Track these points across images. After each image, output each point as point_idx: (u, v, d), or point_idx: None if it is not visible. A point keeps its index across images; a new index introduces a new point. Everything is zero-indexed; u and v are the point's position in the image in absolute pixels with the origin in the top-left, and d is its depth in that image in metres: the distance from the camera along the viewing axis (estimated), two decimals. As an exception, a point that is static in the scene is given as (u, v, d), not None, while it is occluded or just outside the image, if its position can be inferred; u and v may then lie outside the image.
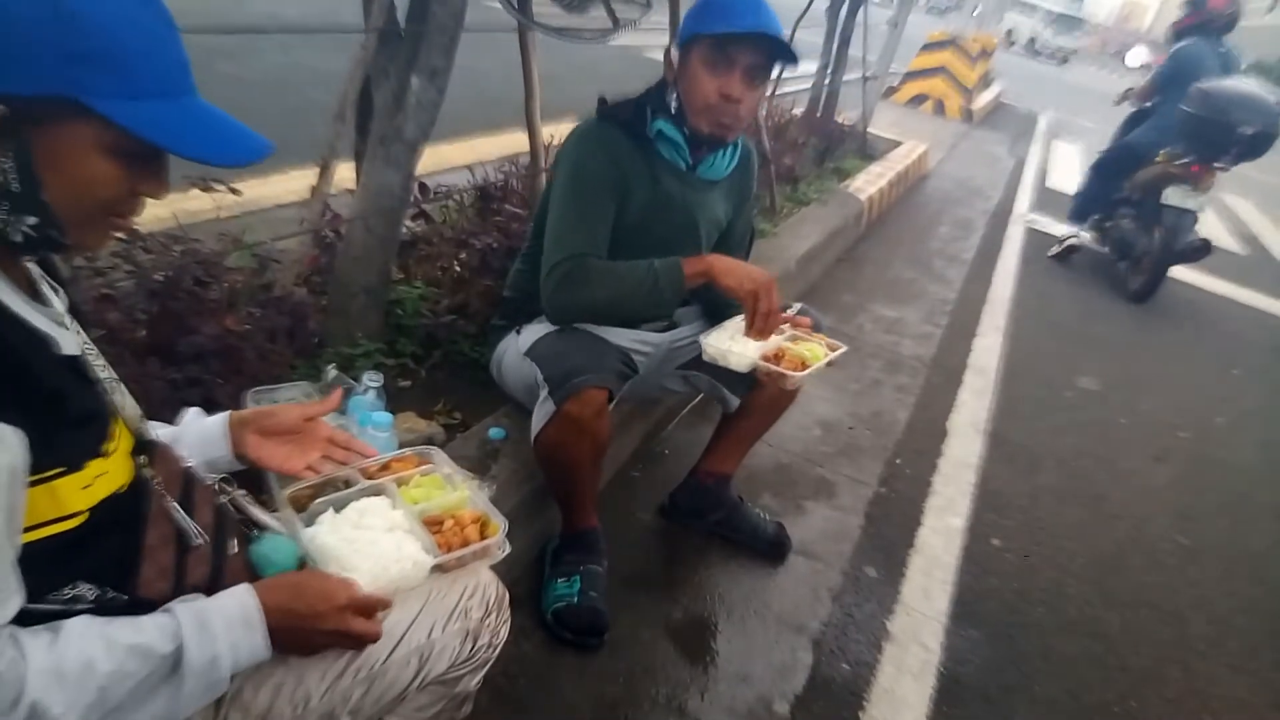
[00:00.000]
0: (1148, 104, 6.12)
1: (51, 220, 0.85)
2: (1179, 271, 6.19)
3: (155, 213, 2.18)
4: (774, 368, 1.99)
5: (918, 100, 12.02)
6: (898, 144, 7.76)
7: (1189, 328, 5.75)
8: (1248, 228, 9.62)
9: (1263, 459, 4.03)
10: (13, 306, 0.86)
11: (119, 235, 0.95)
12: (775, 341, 2.08)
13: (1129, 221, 5.90)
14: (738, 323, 2.08)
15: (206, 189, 2.08)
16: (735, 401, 2.36)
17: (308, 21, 2.82)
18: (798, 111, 6.54)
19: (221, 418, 1.24)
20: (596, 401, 1.86)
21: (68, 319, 0.96)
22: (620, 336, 2.09)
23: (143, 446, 1.03)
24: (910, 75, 12.16)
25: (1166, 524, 3.23)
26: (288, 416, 1.26)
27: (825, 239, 4.72)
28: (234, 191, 2.14)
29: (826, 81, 6.65)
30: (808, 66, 6.92)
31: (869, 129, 7.36)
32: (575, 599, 2.02)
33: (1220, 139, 5.22)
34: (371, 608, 1.06)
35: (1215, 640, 2.64)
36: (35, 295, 0.92)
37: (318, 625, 1.02)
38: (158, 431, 1.12)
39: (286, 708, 1.09)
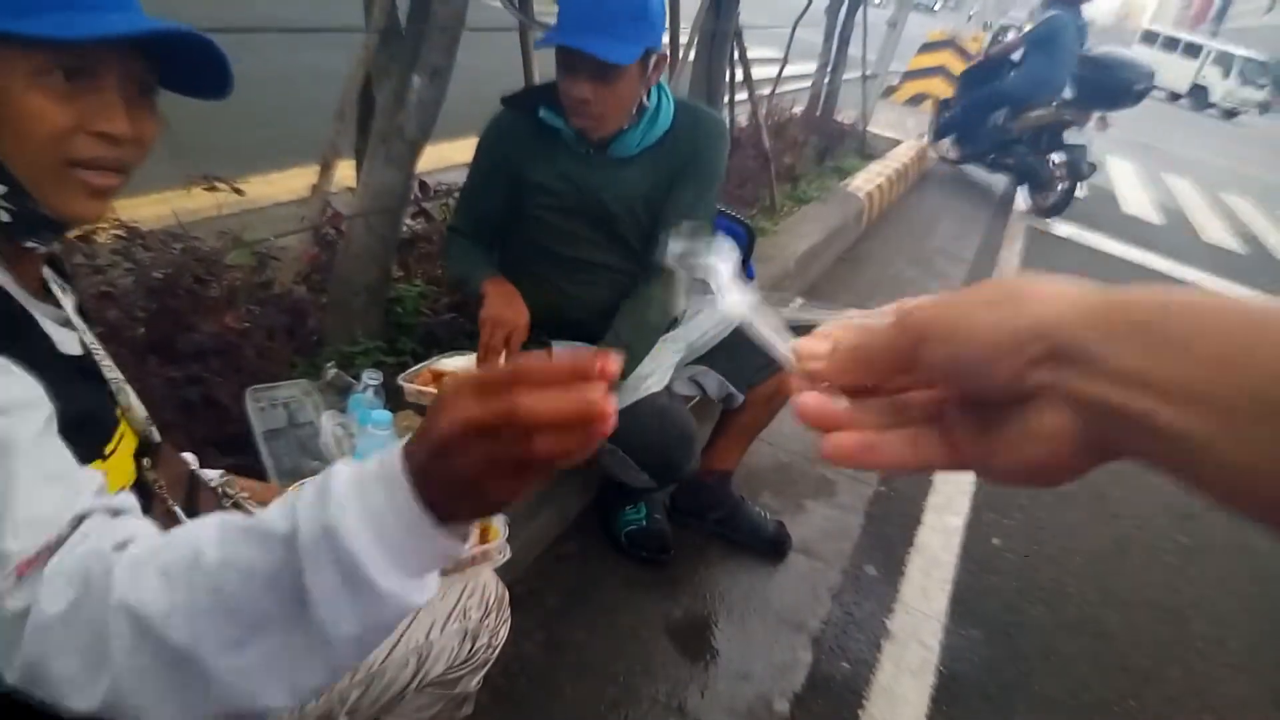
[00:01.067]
0: (1013, 57, 7.60)
1: (12, 182, 0.79)
2: (1180, 270, 6.16)
3: (155, 210, 2.18)
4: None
5: (917, 99, 12.02)
6: (898, 142, 7.75)
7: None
8: (1247, 227, 9.63)
9: (1262, 458, 4.03)
10: (18, 300, 0.83)
11: (101, 194, 0.84)
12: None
13: (1030, 156, 7.32)
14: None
15: (209, 187, 2.08)
16: (740, 398, 2.35)
17: (309, 21, 2.82)
18: (797, 110, 6.54)
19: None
20: None
21: (75, 318, 0.93)
22: (654, 367, 2.15)
23: (146, 449, 1.00)
24: (909, 75, 12.15)
25: (1166, 523, 3.23)
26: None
27: (825, 238, 4.72)
28: (237, 191, 2.14)
29: (826, 80, 6.65)
30: (807, 65, 6.93)
31: (869, 128, 7.35)
32: (644, 522, 2.33)
33: (1115, 93, 6.86)
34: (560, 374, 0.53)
35: (1215, 639, 2.64)
36: (44, 294, 0.90)
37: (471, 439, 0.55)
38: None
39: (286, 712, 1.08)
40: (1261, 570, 3.08)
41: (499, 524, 1.34)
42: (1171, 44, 28.65)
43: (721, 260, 0.55)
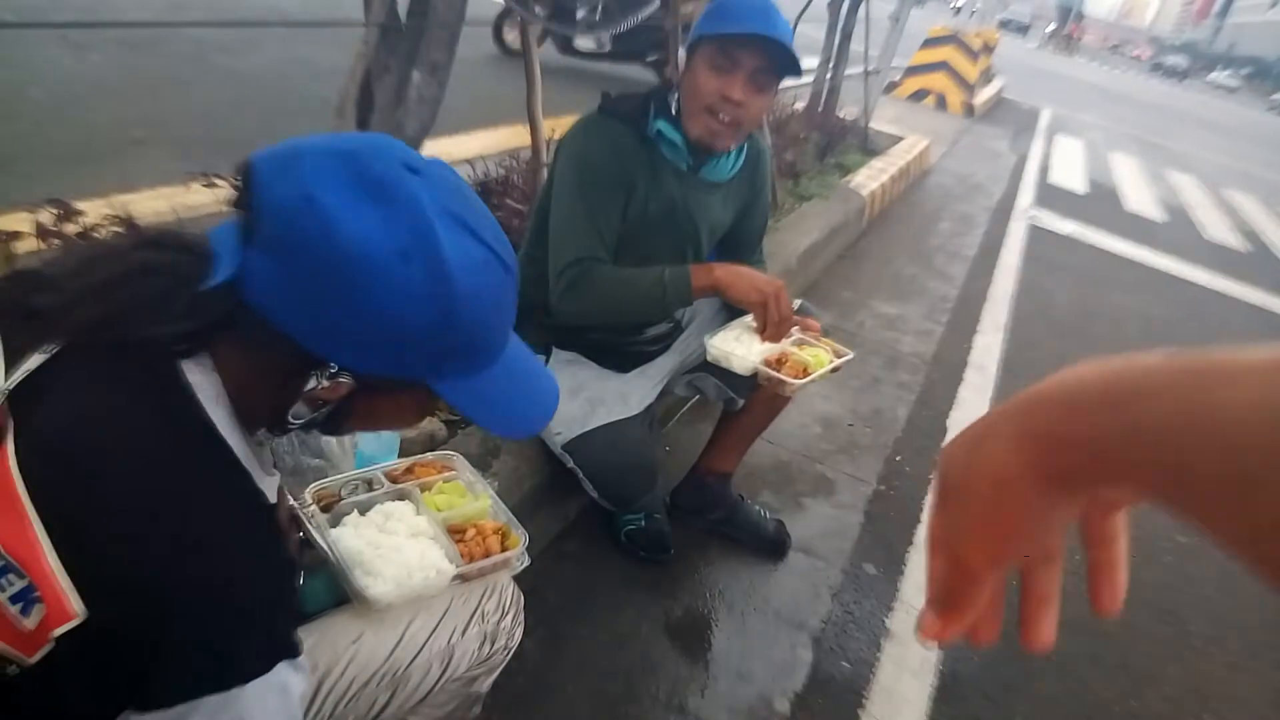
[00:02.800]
0: None
1: (337, 431, 0.94)
2: (1181, 268, 6.16)
3: (154, 206, 2.18)
4: (774, 374, 1.98)
5: (919, 95, 12.01)
6: (899, 139, 7.74)
7: (1190, 326, 5.74)
8: (1249, 225, 9.62)
9: (1263, 457, 4.02)
10: (261, 487, 0.84)
11: None
12: (781, 344, 2.06)
13: None
14: (744, 323, 2.07)
15: (208, 184, 2.07)
16: (741, 401, 2.35)
17: (308, 16, 2.81)
18: (799, 106, 6.53)
19: None
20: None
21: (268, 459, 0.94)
22: (642, 385, 2.14)
23: None
24: (912, 70, 12.15)
25: (1164, 522, 3.22)
26: None
27: (826, 235, 4.71)
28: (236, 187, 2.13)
29: (828, 76, 6.63)
30: (809, 62, 6.91)
31: (871, 124, 7.34)
32: (644, 522, 2.31)
33: None
34: None
35: (1215, 639, 2.64)
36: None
37: None
38: None
39: (312, 715, 1.10)
40: (1262, 570, 3.08)
41: (519, 533, 1.35)
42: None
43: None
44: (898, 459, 3.19)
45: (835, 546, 2.60)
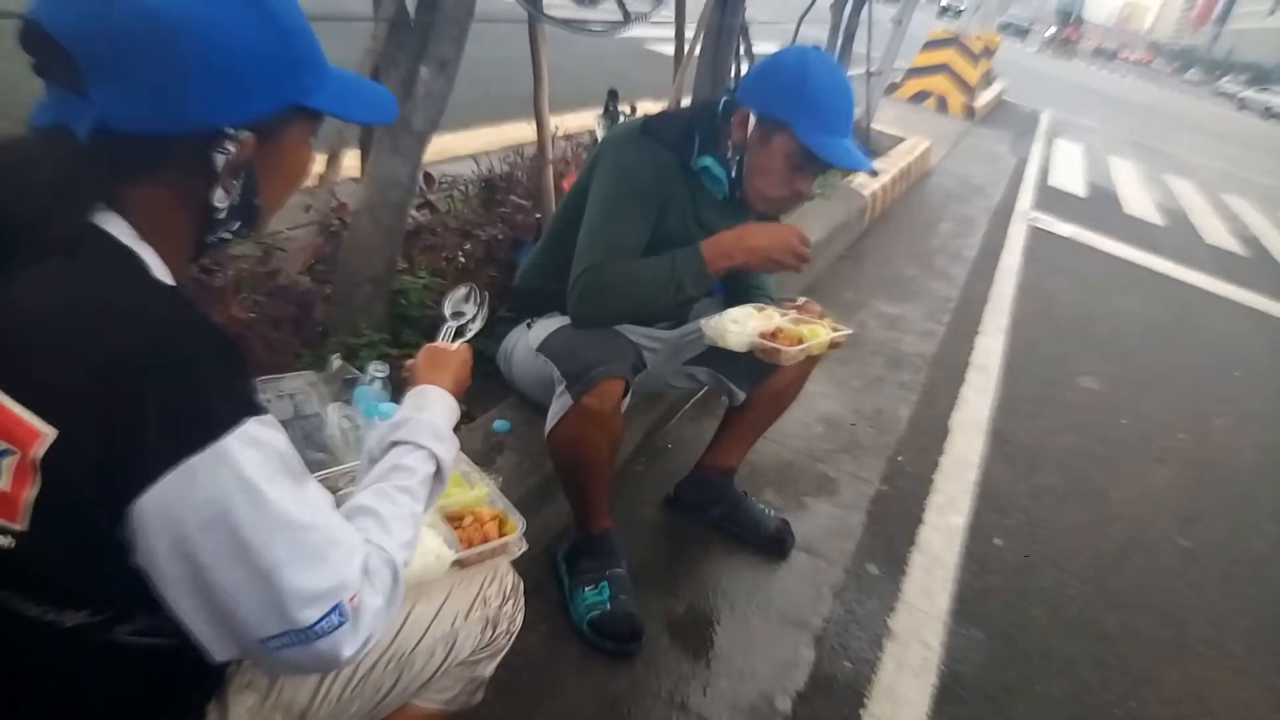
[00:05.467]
0: None
1: (256, 220, 0.97)
2: (1181, 272, 6.17)
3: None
4: (769, 344, 1.99)
5: (920, 97, 12.02)
6: (901, 140, 7.74)
7: (1190, 329, 5.75)
8: (1248, 229, 9.64)
9: (1263, 461, 4.03)
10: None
11: None
12: (775, 320, 2.07)
13: None
14: (740, 311, 2.07)
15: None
16: (742, 395, 2.35)
17: (317, 10, 2.80)
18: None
19: None
20: (614, 393, 1.85)
21: None
22: (631, 332, 2.08)
23: None
24: (913, 72, 12.16)
25: (1167, 525, 3.24)
26: None
27: (827, 234, 4.71)
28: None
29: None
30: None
31: (873, 125, 7.34)
32: (608, 606, 2.01)
33: None
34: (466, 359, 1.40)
35: (1215, 642, 2.64)
36: None
37: (457, 354, 1.35)
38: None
39: (322, 702, 1.12)
40: (1262, 573, 3.09)
41: (517, 519, 1.36)
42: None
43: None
44: (900, 459, 3.19)
45: (837, 546, 2.60)
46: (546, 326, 2.06)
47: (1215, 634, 2.68)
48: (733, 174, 1.98)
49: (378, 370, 1.92)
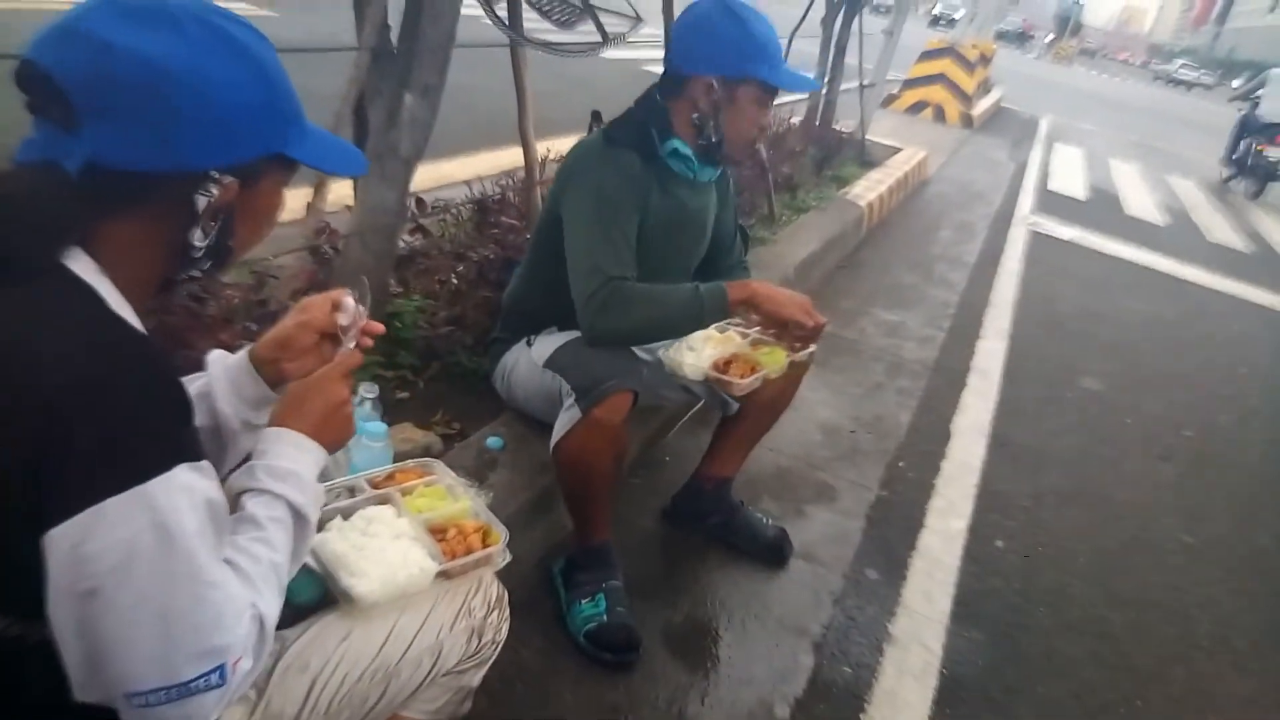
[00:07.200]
0: None
1: (225, 261, 1.00)
2: (1184, 270, 6.17)
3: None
4: (720, 377, 2.03)
5: (918, 107, 12.06)
6: (897, 150, 7.78)
7: (1194, 327, 5.74)
8: (1252, 226, 9.61)
9: (1269, 457, 4.02)
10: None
11: None
12: (731, 348, 2.11)
13: None
14: (699, 336, 2.11)
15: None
16: (735, 405, 2.37)
17: (305, 41, 2.86)
18: (796, 121, 6.58)
19: (242, 355, 1.20)
20: (623, 406, 1.91)
21: None
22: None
23: None
24: (910, 83, 12.21)
25: (1171, 523, 3.22)
26: (305, 338, 1.20)
27: (824, 245, 4.74)
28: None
29: (824, 91, 6.68)
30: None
31: (868, 136, 7.38)
32: (605, 617, 2.01)
33: None
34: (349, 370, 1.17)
35: (1220, 639, 2.63)
36: None
37: (322, 395, 1.12)
38: (194, 383, 1.15)
39: (310, 714, 1.14)
40: (1267, 569, 3.07)
41: (499, 530, 1.38)
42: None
43: None
44: (900, 464, 3.20)
45: (836, 553, 2.61)
46: (550, 343, 2.09)
47: (1221, 630, 2.66)
48: (713, 139, 2.05)
49: (367, 391, 1.95)
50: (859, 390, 3.73)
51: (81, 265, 0.86)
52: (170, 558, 0.81)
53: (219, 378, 1.17)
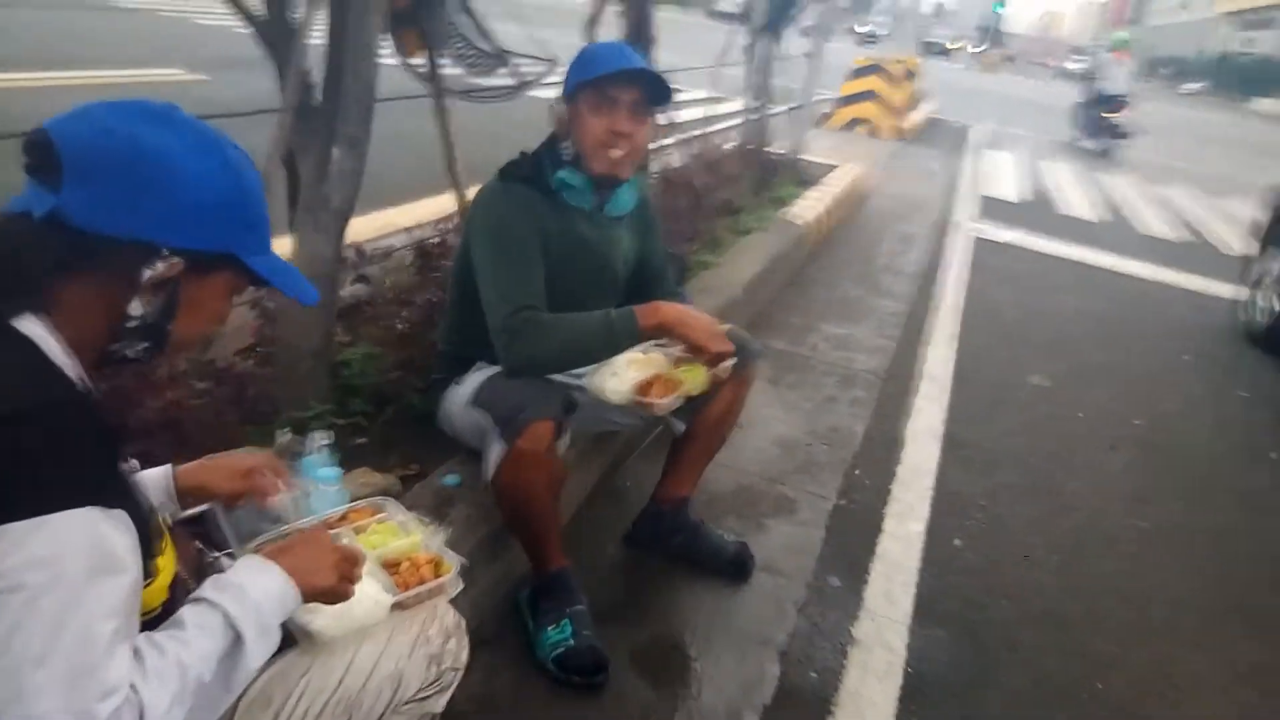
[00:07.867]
0: None
1: (163, 346, 1.05)
2: (1121, 264, 6.36)
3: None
4: (641, 399, 2.05)
5: (853, 124, 12.33)
6: (833, 168, 7.93)
7: (1136, 318, 5.91)
8: (1183, 216, 9.90)
9: (1216, 439, 4.14)
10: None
11: None
12: (653, 368, 2.12)
13: None
14: (622, 359, 2.11)
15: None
16: (682, 426, 2.41)
17: (239, 104, 2.89)
18: (729, 147, 6.71)
19: (164, 470, 1.33)
20: (544, 434, 1.92)
21: None
22: (557, 376, 2.15)
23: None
24: (843, 101, 12.49)
25: (1123, 510, 3.31)
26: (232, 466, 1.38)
27: (768, 265, 4.82)
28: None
29: (754, 116, 6.82)
30: (737, 103, 7.09)
31: (804, 156, 7.53)
32: (571, 641, 2.05)
33: None
34: (352, 559, 1.20)
35: (1176, 619, 2.70)
36: None
37: (312, 541, 1.19)
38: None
39: None
40: (1218, 548, 3.16)
41: (451, 559, 1.41)
42: None
43: None
44: (857, 472, 3.25)
45: (798, 563, 2.65)
46: (474, 380, 2.13)
47: (1175, 611, 2.74)
48: (584, 176, 2.11)
49: (322, 439, 1.96)
50: (813, 404, 3.80)
51: (26, 323, 0.92)
52: (53, 594, 0.83)
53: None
